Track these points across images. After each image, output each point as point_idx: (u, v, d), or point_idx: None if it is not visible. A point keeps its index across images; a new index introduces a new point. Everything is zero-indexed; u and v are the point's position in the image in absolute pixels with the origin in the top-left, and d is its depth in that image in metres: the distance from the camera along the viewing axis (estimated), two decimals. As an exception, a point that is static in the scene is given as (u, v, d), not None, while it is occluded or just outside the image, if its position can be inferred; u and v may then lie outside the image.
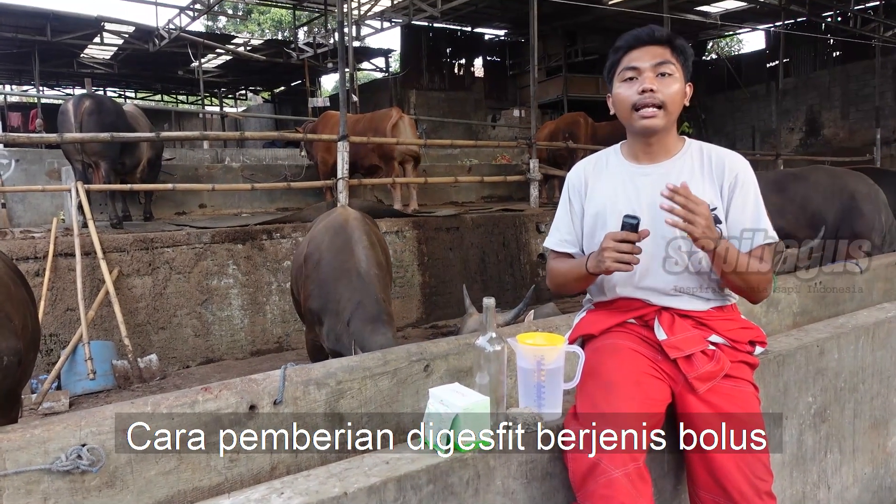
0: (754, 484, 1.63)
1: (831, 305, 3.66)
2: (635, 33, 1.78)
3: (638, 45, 1.75)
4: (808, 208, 4.83)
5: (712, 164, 1.79)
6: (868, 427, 2.55)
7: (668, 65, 1.73)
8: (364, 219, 3.63)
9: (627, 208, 1.75)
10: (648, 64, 1.73)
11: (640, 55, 1.74)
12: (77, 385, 4.78)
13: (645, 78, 1.72)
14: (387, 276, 3.48)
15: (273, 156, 11.69)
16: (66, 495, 1.62)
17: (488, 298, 1.61)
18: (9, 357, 1.93)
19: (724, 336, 1.77)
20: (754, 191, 1.78)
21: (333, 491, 1.33)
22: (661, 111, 1.73)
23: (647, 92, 1.71)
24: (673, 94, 1.73)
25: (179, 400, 1.81)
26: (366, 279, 3.13)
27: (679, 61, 1.75)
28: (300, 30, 18.58)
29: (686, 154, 1.82)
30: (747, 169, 1.79)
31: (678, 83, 1.74)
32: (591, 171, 1.92)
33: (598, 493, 1.48)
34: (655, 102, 1.72)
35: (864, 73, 14.93)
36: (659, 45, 1.74)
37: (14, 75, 18.02)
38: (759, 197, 1.79)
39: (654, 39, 1.75)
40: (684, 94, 1.78)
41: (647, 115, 1.73)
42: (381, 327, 3.01)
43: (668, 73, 1.73)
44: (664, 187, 1.62)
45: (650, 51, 1.74)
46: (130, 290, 5.37)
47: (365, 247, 3.29)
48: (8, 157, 8.12)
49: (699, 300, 1.80)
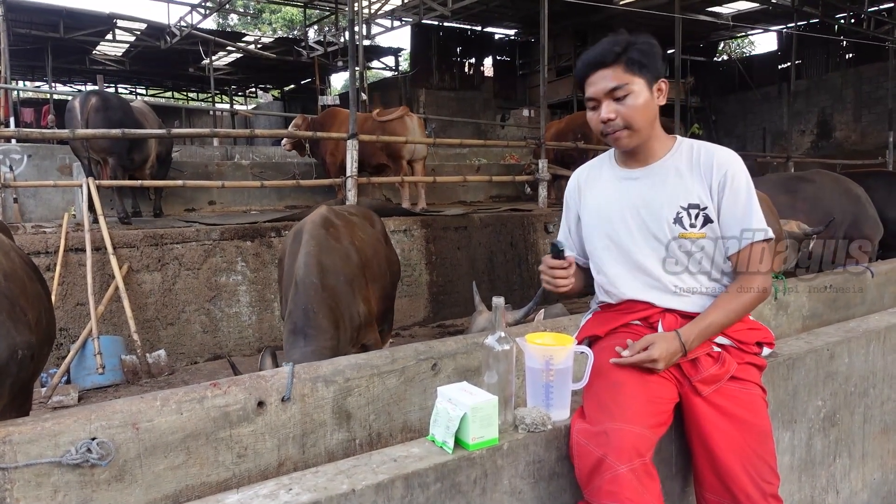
0: (760, 486, 1.62)
1: (842, 309, 3.63)
2: (585, 59, 1.74)
3: (590, 72, 1.73)
4: (818, 208, 4.80)
5: (701, 162, 1.76)
6: (878, 432, 2.54)
7: (623, 87, 1.68)
8: (328, 220, 3.36)
9: (617, 214, 1.81)
10: (602, 92, 1.70)
11: (594, 82, 1.72)
12: (86, 379, 4.82)
13: (602, 107, 1.72)
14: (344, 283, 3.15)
15: (282, 153, 11.71)
16: (75, 488, 1.64)
17: (498, 298, 1.61)
18: (23, 351, 1.94)
19: (731, 337, 1.76)
20: (746, 187, 1.74)
21: (342, 487, 1.33)
22: (626, 131, 1.72)
23: (607, 122, 1.72)
24: (634, 112, 1.70)
25: (188, 395, 1.82)
26: (300, 288, 2.97)
27: (636, 72, 1.69)
28: (311, 28, 18.63)
29: (675, 154, 1.80)
30: (737, 165, 1.75)
31: (639, 97, 1.70)
32: (584, 179, 1.96)
33: (603, 489, 1.49)
34: (618, 128, 1.72)
35: (877, 75, 14.81)
36: (610, 67, 1.69)
37: (27, 71, 18.17)
38: (752, 193, 1.75)
39: (603, 63, 1.70)
40: (650, 102, 1.73)
41: (616, 139, 1.75)
42: (299, 341, 2.83)
43: (624, 94, 1.69)
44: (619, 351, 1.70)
45: (602, 76, 1.70)
46: (140, 286, 5.40)
47: (309, 253, 3.07)
48: (20, 152, 8.18)
49: (703, 300, 1.78)
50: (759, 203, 1.75)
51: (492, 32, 18.25)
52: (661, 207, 1.75)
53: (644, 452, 1.50)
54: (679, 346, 1.66)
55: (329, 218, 3.39)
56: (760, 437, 1.66)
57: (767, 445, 1.67)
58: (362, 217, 3.98)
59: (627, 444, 1.48)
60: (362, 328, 3.22)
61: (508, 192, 10.68)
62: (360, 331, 3.21)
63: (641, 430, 1.53)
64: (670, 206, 1.74)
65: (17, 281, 2.09)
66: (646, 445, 1.52)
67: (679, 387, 1.71)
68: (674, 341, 1.66)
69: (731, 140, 18.75)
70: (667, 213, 1.74)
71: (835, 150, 15.20)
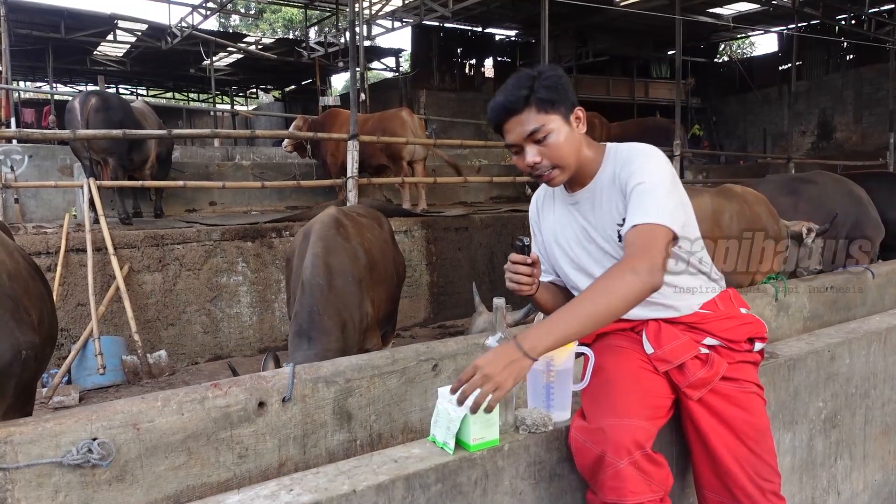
0: (759, 485, 1.63)
1: (842, 310, 3.63)
2: (495, 106, 1.68)
3: (504, 120, 1.67)
4: (820, 209, 4.80)
5: (617, 173, 1.69)
6: (879, 433, 2.54)
7: (541, 129, 1.63)
8: (337, 220, 3.33)
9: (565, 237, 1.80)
10: (520, 137, 1.65)
11: (510, 129, 1.66)
12: (87, 380, 4.82)
13: (526, 152, 1.66)
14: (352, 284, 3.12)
15: (283, 154, 11.73)
16: (76, 489, 1.64)
17: (498, 298, 1.61)
18: (26, 351, 1.94)
19: (720, 337, 1.72)
20: (652, 179, 1.60)
21: (342, 488, 1.33)
22: (556, 170, 1.68)
23: (533, 166, 1.67)
24: (558, 150, 1.65)
25: (189, 396, 1.82)
26: (306, 289, 2.95)
27: (549, 111, 1.63)
28: (311, 29, 18.63)
29: (602, 171, 1.73)
30: (642, 163, 1.63)
31: (559, 134, 1.64)
32: (541, 204, 1.92)
33: (607, 485, 1.49)
34: (547, 170, 1.67)
35: (877, 76, 14.81)
36: (520, 113, 1.63)
37: (28, 72, 18.17)
38: (659, 185, 1.59)
39: (514, 111, 1.64)
40: (572, 134, 1.67)
41: (548, 180, 1.70)
42: (303, 343, 2.82)
43: (542, 136, 1.63)
44: None
45: (517, 122, 1.65)
46: (141, 287, 5.40)
47: (316, 254, 3.04)
48: (21, 152, 8.18)
49: (681, 304, 1.73)
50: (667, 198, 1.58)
51: (492, 33, 18.25)
52: (605, 228, 1.71)
53: (643, 443, 1.50)
54: (517, 352, 1.41)
55: (338, 218, 3.36)
56: (758, 436, 1.66)
57: (766, 444, 1.67)
58: (371, 218, 3.95)
59: (625, 439, 1.48)
60: (368, 330, 3.19)
61: (509, 193, 10.69)
62: (366, 332, 3.18)
63: (638, 423, 1.52)
64: (611, 226, 1.70)
65: (20, 281, 2.09)
66: (644, 436, 1.51)
67: (673, 390, 1.71)
68: (508, 349, 1.42)
69: (731, 141, 18.76)
70: (611, 232, 1.70)
71: (835, 151, 15.20)
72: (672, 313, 1.74)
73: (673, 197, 1.61)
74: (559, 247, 1.84)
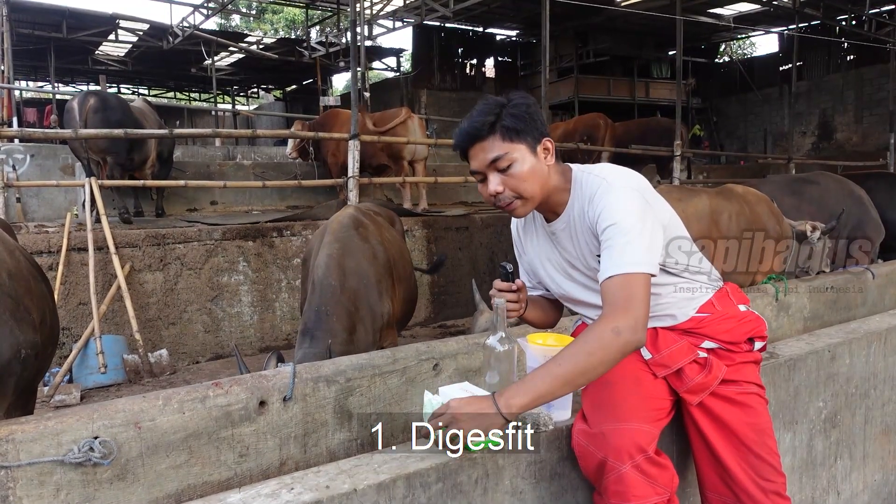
0: (761, 485, 1.63)
1: (843, 310, 3.63)
2: (461, 131, 1.65)
3: (469, 146, 1.63)
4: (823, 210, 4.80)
5: (586, 208, 1.63)
6: (879, 433, 2.54)
7: (505, 157, 1.58)
8: (356, 220, 3.30)
9: (550, 265, 1.80)
10: (484, 165, 1.61)
11: (474, 155, 1.63)
12: (88, 379, 4.82)
13: (490, 180, 1.62)
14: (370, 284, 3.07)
15: (284, 154, 11.75)
16: (78, 487, 1.64)
17: (499, 298, 1.62)
18: (27, 350, 1.95)
19: (718, 340, 1.71)
20: (620, 219, 1.52)
21: (343, 487, 1.33)
22: (518, 201, 1.63)
23: (496, 195, 1.63)
24: (521, 181, 1.60)
25: (190, 395, 1.82)
26: (317, 289, 2.93)
27: (514, 139, 1.59)
28: (313, 29, 18.63)
29: (572, 206, 1.68)
30: (606, 197, 1.57)
31: (524, 164, 1.59)
32: (522, 229, 1.89)
33: (610, 489, 1.50)
34: (509, 199, 1.63)
35: (878, 76, 14.80)
36: (485, 140, 1.60)
37: (30, 71, 18.20)
38: (630, 226, 1.51)
39: (478, 137, 1.60)
40: (537, 165, 1.61)
41: (511, 210, 1.66)
42: (305, 341, 2.77)
43: (506, 164, 1.59)
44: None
45: (481, 148, 1.61)
46: (142, 286, 5.41)
47: (330, 255, 3.01)
48: (23, 152, 8.19)
49: (677, 311, 1.72)
50: (639, 238, 1.51)
51: (493, 33, 18.26)
52: (584, 258, 1.69)
53: (645, 446, 1.50)
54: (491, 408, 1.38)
55: (357, 218, 3.33)
56: (759, 437, 1.66)
57: (768, 444, 1.67)
58: (385, 217, 3.93)
59: (626, 443, 1.49)
60: (384, 329, 3.14)
61: (510, 193, 10.68)
62: (383, 331, 3.14)
63: (639, 426, 1.52)
64: (591, 256, 1.66)
65: (21, 280, 2.09)
66: (646, 439, 1.51)
67: (674, 392, 1.71)
68: (483, 403, 1.40)
69: (732, 141, 18.76)
70: (591, 261, 1.67)
71: (836, 151, 15.20)
72: (669, 322, 1.73)
73: (645, 233, 1.52)
74: (544, 271, 1.83)
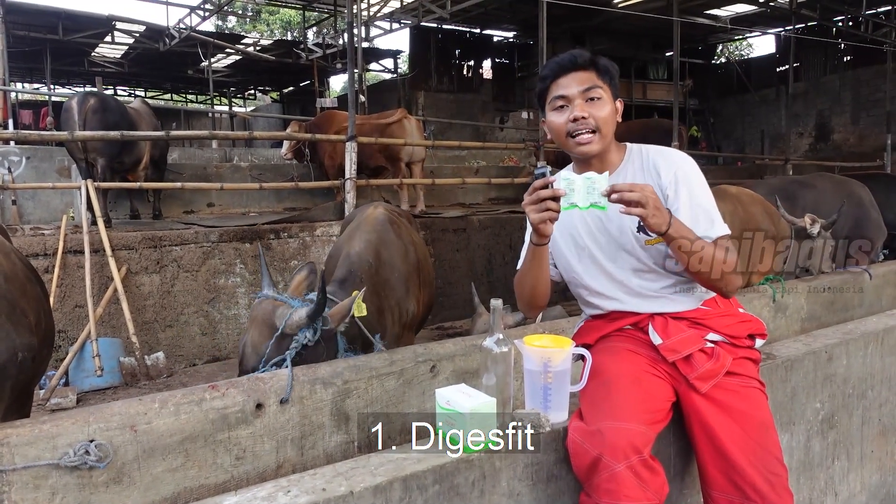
0: (768, 479, 1.62)
1: (840, 311, 3.64)
2: (558, 60, 1.77)
3: (563, 73, 1.75)
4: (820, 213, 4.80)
5: (650, 166, 1.79)
6: (876, 434, 2.54)
7: (596, 89, 1.73)
8: (388, 216, 3.23)
9: (584, 230, 1.82)
10: (577, 91, 1.73)
11: (567, 82, 1.74)
12: (84, 381, 4.80)
13: (575, 105, 1.73)
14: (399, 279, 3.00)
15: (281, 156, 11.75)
16: (73, 490, 1.63)
17: (496, 300, 1.61)
18: (23, 353, 1.94)
19: (722, 333, 1.77)
20: (699, 183, 1.76)
21: (340, 490, 1.33)
22: (595, 135, 1.74)
23: (578, 120, 1.72)
24: (605, 116, 1.74)
25: (187, 397, 1.82)
26: (352, 258, 2.80)
27: (606, 82, 1.75)
28: (309, 30, 18.63)
29: (627, 164, 1.82)
30: (686, 163, 1.78)
31: (608, 105, 1.75)
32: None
33: (602, 488, 1.49)
34: (589, 128, 1.73)
35: (875, 77, 14.84)
36: (584, 70, 1.74)
37: (26, 73, 18.15)
38: (706, 189, 1.76)
39: (577, 65, 1.74)
40: (615, 113, 1.78)
41: (583, 142, 1.74)
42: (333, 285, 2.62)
43: (596, 97, 1.73)
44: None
45: (576, 77, 1.74)
46: (138, 288, 5.40)
47: (367, 240, 2.95)
48: (19, 154, 8.16)
49: (685, 297, 1.79)
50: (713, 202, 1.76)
51: (490, 35, 18.27)
52: (622, 218, 1.73)
53: (641, 448, 1.50)
54: (668, 216, 1.60)
55: (390, 215, 3.29)
56: (763, 430, 1.66)
57: (771, 437, 1.68)
58: (407, 220, 3.83)
59: (623, 442, 1.48)
60: (406, 329, 3.06)
61: (507, 195, 10.68)
62: (405, 330, 3.06)
63: (637, 427, 1.52)
64: (631, 217, 1.66)
65: (17, 283, 2.08)
66: (642, 441, 1.51)
67: (676, 386, 1.72)
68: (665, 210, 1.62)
69: (729, 142, 18.79)
70: (628, 222, 1.75)
71: (833, 152, 15.22)
72: (677, 307, 1.78)
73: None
74: (569, 238, 1.85)
